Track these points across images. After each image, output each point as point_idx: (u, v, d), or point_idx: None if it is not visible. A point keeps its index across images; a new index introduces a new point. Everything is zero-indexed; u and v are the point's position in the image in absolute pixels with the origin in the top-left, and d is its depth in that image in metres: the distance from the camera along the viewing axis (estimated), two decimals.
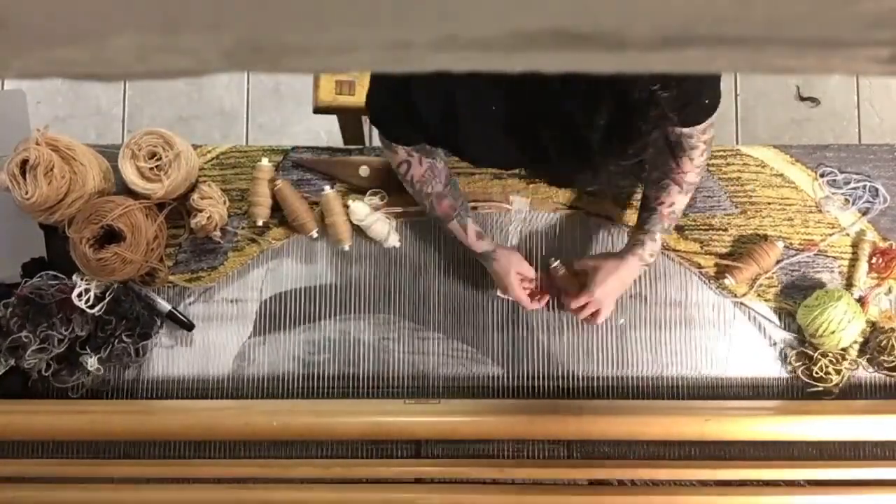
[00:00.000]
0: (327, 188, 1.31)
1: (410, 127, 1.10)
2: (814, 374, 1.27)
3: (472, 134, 1.05)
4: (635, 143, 0.92)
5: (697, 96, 1.05)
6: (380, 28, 0.25)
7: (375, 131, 1.25)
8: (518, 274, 1.22)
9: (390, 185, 1.31)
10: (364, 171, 1.33)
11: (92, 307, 1.25)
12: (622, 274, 1.19)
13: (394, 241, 1.31)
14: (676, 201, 1.18)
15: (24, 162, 1.21)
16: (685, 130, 1.12)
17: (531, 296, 1.25)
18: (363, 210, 1.29)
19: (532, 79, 0.89)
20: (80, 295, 1.24)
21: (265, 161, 1.32)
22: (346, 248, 1.32)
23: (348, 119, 1.67)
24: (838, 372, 1.26)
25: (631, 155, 0.94)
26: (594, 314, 1.21)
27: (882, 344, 1.26)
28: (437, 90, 1.01)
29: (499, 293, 1.28)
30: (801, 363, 1.28)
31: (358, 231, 1.32)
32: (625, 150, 0.93)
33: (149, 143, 1.25)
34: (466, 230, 1.21)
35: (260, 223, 1.31)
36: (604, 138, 0.89)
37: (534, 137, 0.97)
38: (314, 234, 1.31)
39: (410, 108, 1.04)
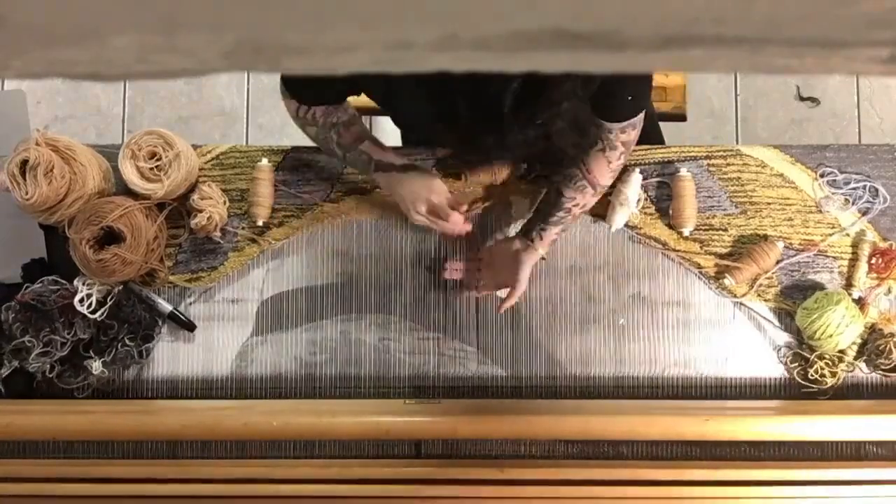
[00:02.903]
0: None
1: (335, 81, 1.10)
2: (809, 377, 1.27)
3: (397, 82, 1.05)
4: (545, 111, 0.94)
5: (619, 90, 1.06)
6: (380, 28, 0.25)
7: (375, 131, 1.26)
8: (437, 195, 1.17)
9: None
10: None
11: (94, 312, 1.25)
12: (528, 265, 1.21)
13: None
14: (588, 203, 1.21)
15: (24, 162, 1.21)
16: (604, 123, 1.12)
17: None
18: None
19: None
20: (81, 300, 1.24)
21: (265, 161, 1.32)
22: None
23: None
24: (834, 374, 1.27)
25: (539, 125, 0.95)
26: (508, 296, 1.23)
27: (880, 347, 1.26)
28: None
29: (413, 217, 1.18)
30: (796, 364, 1.29)
31: (358, 231, 1.32)
32: (534, 117, 0.94)
33: (149, 143, 1.25)
34: (382, 145, 1.18)
35: (260, 223, 1.31)
36: (515, 101, 0.90)
37: (447, 93, 0.97)
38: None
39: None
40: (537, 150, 1.21)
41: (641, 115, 1.12)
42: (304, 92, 1.14)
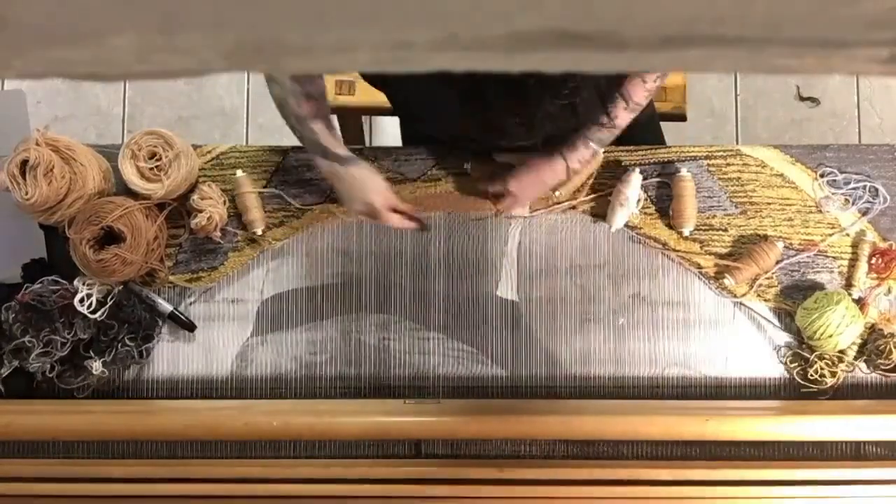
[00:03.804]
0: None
1: None
2: (809, 376, 1.27)
3: (407, 78, 1.04)
4: (570, 79, 0.93)
5: None
6: (380, 28, 0.25)
7: (375, 131, 1.26)
8: (375, 195, 1.16)
9: None
10: None
11: (94, 312, 1.25)
12: (544, 173, 1.19)
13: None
14: (620, 116, 1.16)
15: (24, 162, 1.21)
16: None
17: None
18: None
19: None
20: (81, 300, 1.24)
21: (240, 172, 1.32)
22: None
23: (348, 119, 1.67)
24: (834, 374, 1.27)
25: (566, 94, 0.94)
26: (506, 203, 1.22)
27: (880, 348, 1.26)
28: None
29: (354, 208, 1.18)
30: (796, 364, 1.29)
31: (359, 230, 1.33)
32: (560, 87, 0.93)
33: (149, 143, 1.25)
34: (334, 134, 1.15)
35: (259, 231, 1.31)
36: (540, 79, 0.89)
37: (469, 77, 0.93)
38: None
39: None
40: (561, 129, 1.18)
41: None
42: None
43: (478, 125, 1.17)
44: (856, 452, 1.27)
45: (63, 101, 2.18)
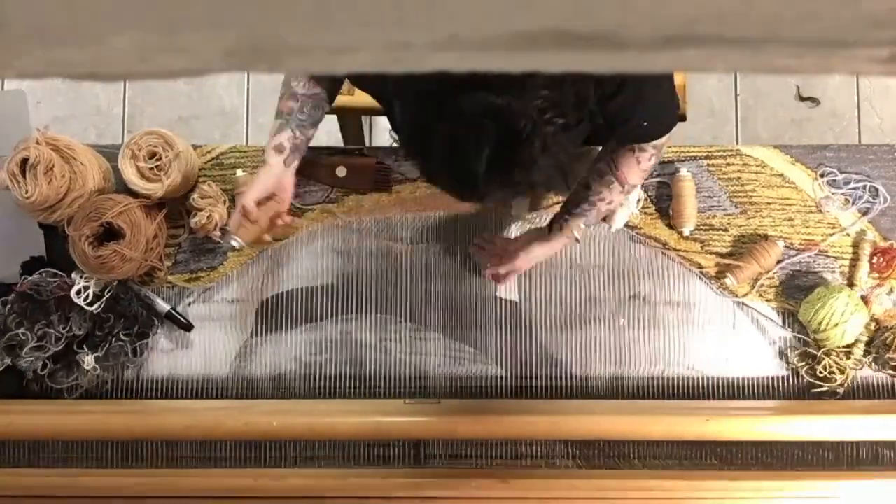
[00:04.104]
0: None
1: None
2: (818, 374, 1.26)
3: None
4: (520, 171, 0.89)
5: (631, 115, 1.02)
6: (380, 28, 0.25)
7: (375, 131, 1.26)
8: (275, 193, 1.12)
9: (367, 186, 1.32)
10: (341, 171, 1.33)
11: (90, 304, 1.25)
12: (545, 251, 1.20)
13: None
14: (615, 199, 1.17)
15: (24, 161, 1.21)
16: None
17: (273, 219, 1.13)
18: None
19: (436, 88, 0.87)
20: (78, 292, 1.24)
21: (240, 172, 1.32)
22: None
23: (348, 119, 1.67)
24: (842, 371, 1.26)
25: (516, 182, 0.91)
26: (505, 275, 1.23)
27: (888, 341, 1.26)
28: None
29: (240, 191, 1.16)
30: (804, 363, 1.28)
31: (358, 231, 1.32)
32: (509, 179, 0.90)
33: (149, 143, 1.25)
34: (279, 132, 1.11)
35: None
36: (488, 166, 0.86)
37: (428, 142, 0.91)
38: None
39: None
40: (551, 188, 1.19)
41: (672, 124, 1.09)
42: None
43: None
44: (856, 452, 1.26)
45: (63, 101, 2.18)
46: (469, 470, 1.26)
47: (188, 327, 1.30)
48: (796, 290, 1.31)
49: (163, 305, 1.30)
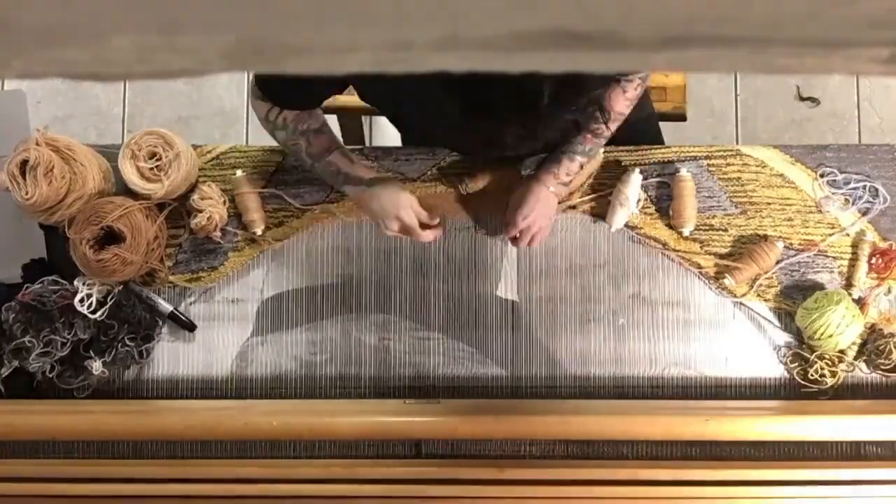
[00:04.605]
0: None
1: (319, 85, 1.07)
2: (809, 376, 1.27)
3: (406, 90, 1.01)
4: (585, 94, 0.90)
5: None
6: (380, 28, 0.25)
7: (375, 131, 1.26)
8: (406, 211, 1.15)
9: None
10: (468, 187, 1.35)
11: (94, 312, 1.25)
12: (544, 197, 1.19)
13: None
14: (602, 133, 1.17)
15: (24, 162, 1.21)
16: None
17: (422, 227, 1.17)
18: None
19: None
20: (81, 300, 1.24)
21: (240, 172, 1.32)
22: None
23: (348, 119, 1.67)
24: (834, 374, 1.27)
25: (575, 110, 0.91)
26: (526, 240, 1.23)
27: (880, 348, 1.26)
28: None
29: (384, 232, 1.18)
30: (796, 364, 1.29)
31: (358, 231, 1.33)
32: (575, 101, 0.90)
33: (149, 143, 1.25)
34: (351, 157, 1.16)
35: (259, 231, 1.31)
36: (555, 89, 0.86)
37: (476, 90, 0.91)
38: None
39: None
40: (562, 137, 1.17)
41: None
42: (280, 92, 1.11)
43: (480, 138, 1.16)
44: (856, 452, 1.27)
45: (63, 101, 2.18)
46: (469, 469, 1.25)
47: (191, 327, 1.30)
48: (795, 290, 1.31)
49: (165, 306, 1.30)
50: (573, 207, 1.33)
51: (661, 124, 1.52)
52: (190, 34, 0.25)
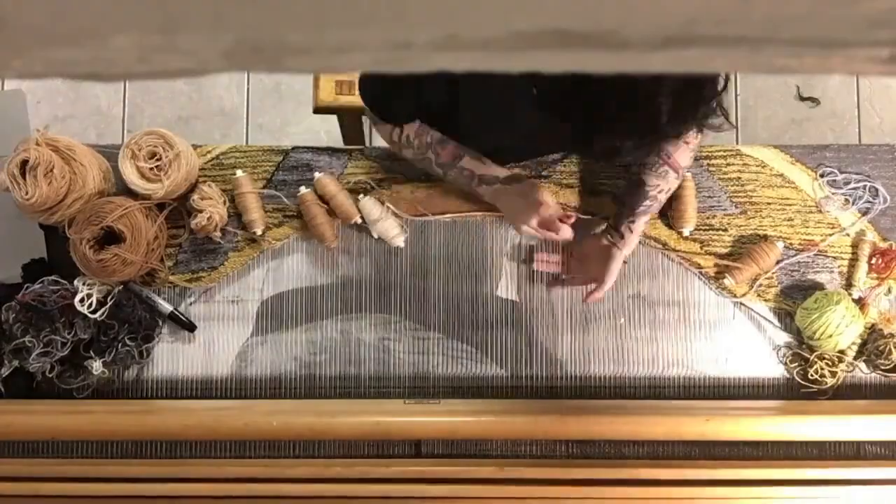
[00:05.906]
0: (317, 174, 1.31)
1: (409, 104, 1.10)
2: (809, 377, 1.27)
3: (487, 110, 1.03)
4: (701, 108, 0.86)
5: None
6: (380, 28, 0.25)
7: (376, 131, 1.26)
8: (546, 207, 1.14)
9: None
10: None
11: (94, 312, 1.25)
12: (616, 258, 1.20)
13: (400, 241, 1.31)
14: (672, 187, 1.19)
15: (24, 162, 1.21)
16: None
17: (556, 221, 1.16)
18: (374, 208, 1.29)
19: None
20: (81, 300, 1.24)
21: (240, 172, 1.32)
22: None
23: (348, 119, 1.67)
24: (834, 374, 1.27)
25: (690, 124, 0.88)
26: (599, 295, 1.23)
27: (880, 348, 1.26)
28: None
29: (522, 229, 1.17)
30: (796, 364, 1.29)
31: (359, 230, 1.32)
32: (693, 117, 0.87)
33: (149, 143, 1.25)
34: (481, 159, 1.17)
35: (259, 231, 1.31)
36: (673, 104, 0.82)
37: (577, 108, 0.87)
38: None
39: (409, 87, 1.04)
40: (635, 160, 1.15)
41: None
42: (391, 108, 1.14)
43: (559, 140, 1.14)
44: (856, 452, 1.27)
45: (63, 101, 2.18)
46: (469, 469, 1.25)
47: (191, 327, 1.30)
48: (795, 290, 1.31)
49: (165, 306, 1.30)
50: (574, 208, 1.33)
51: None
52: (190, 34, 0.25)
